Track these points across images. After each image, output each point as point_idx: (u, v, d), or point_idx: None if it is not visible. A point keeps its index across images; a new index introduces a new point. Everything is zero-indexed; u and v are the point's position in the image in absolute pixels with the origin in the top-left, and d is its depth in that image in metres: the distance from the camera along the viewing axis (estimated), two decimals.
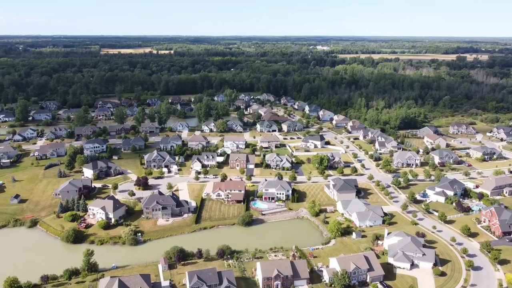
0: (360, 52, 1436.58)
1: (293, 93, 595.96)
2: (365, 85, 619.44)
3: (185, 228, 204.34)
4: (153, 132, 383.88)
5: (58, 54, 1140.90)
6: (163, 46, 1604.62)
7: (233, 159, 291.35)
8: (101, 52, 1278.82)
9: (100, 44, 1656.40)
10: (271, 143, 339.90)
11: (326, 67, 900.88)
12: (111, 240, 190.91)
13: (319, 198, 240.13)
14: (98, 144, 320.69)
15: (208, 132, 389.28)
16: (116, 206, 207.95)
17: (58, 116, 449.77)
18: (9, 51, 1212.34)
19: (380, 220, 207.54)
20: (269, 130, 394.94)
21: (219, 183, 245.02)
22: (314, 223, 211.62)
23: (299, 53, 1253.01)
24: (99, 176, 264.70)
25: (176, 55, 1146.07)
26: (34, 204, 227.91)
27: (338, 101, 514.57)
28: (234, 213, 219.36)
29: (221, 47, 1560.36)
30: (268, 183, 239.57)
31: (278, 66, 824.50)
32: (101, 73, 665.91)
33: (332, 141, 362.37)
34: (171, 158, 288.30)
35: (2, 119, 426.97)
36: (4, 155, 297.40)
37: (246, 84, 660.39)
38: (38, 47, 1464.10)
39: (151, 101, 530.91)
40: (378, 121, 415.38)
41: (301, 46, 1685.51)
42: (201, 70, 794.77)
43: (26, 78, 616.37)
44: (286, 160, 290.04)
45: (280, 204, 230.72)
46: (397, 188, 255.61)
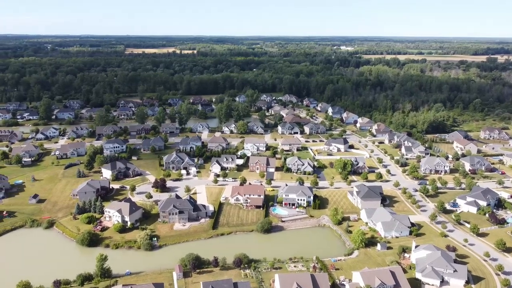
0: (385, 53, 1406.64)
1: (316, 94, 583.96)
2: (391, 86, 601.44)
3: (202, 233, 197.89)
4: (173, 133, 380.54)
5: (84, 53, 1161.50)
6: (187, 46, 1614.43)
7: (253, 162, 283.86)
8: (125, 51, 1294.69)
9: (125, 44, 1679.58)
10: (292, 146, 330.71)
11: (350, 68, 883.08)
12: (126, 244, 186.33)
13: (342, 205, 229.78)
14: (118, 144, 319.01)
15: (228, 134, 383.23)
16: (132, 209, 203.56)
17: (81, 115, 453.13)
18: (38, 50, 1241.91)
19: (407, 231, 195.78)
20: (290, 133, 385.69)
21: (238, 187, 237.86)
22: (336, 232, 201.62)
23: (323, 54, 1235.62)
24: (117, 177, 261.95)
25: (199, 55, 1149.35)
26: (52, 204, 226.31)
27: (363, 103, 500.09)
28: (253, 219, 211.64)
29: (244, 47, 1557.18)
30: (288, 189, 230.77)
31: (301, 67, 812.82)
32: (124, 73, 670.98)
33: (356, 145, 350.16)
34: (190, 160, 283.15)
35: (26, 118, 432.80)
36: (25, 154, 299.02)
37: (268, 84, 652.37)
38: (66, 46, 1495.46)
39: (172, 101, 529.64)
40: (405, 124, 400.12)
41: (325, 47, 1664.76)
42: (223, 70, 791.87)
43: (52, 77, 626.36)
44: (308, 164, 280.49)
45: (301, 210, 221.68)
46: (424, 196, 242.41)
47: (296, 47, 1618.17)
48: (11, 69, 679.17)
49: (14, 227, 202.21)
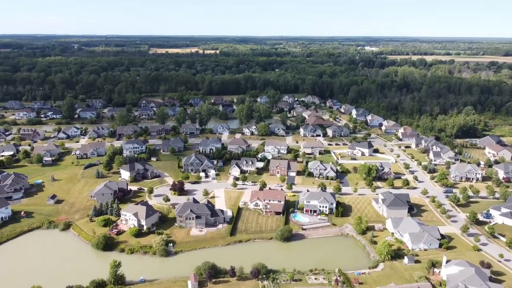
0: (411, 54, 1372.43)
1: (340, 95, 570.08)
2: (418, 88, 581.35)
3: (219, 240, 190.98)
4: (193, 134, 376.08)
5: (109, 53, 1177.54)
6: (210, 46, 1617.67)
7: (273, 165, 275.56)
8: (149, 51, 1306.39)
9: (149, 44, 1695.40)
10: (314, 149, 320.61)
11: (375, 68, 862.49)
12: (141, 250, 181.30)
13: (366, 213, 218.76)
14: (138, 145, 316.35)
15: (249, 135, 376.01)
16: (149, 213, 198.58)
17: (103, 115, 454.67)
18: (65, 50, 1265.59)
19: (436, 243, 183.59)
20: (313, 135, 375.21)
21: (258, 192, 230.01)
22: (360, 242, 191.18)
23: (347, 54, 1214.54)
24: (135, 179, 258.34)
25: (221, 55, 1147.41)
26: (69, 205, 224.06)
27: (388, 105, 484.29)
28: (272, 226, 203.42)
29: (267, 47, 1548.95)
30: (310, 195, 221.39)
31: (324, 67, 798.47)
32: (147, 72, 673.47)
33: (381, 149, 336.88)
34: (209, 162, 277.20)
35: (50, 116, 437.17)
36: (47, 153, 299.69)
37: (290, 85, 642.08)
38: (92, 46, 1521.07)
39: (193, 101, 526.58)
40: (433, 128, 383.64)
41: (349, 47, 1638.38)
42: (246, 70, 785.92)
43: (76, 76, 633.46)
44: (331, 168, 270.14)
45: (323, 218, 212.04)
46: (455, 206, 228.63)
47: (319, 47, 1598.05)
48: (38, 68, 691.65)
49: (31, 228, 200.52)
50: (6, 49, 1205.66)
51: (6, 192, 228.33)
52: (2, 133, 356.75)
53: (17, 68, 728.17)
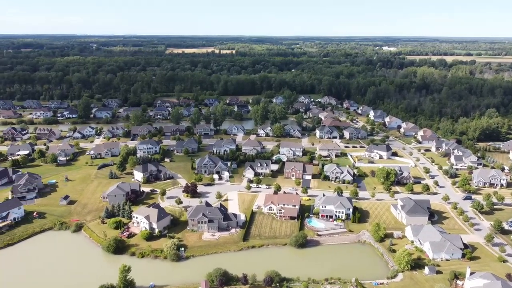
0: (431, 54, 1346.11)
1: (357, 96, 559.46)
2: (438, 89, 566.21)
3: (232, 245, 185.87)
4: (208, 134, 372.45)
5: (126, 53, 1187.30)
6: (226, 46, 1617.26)
7: (288, 168, 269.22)
8: (166, 51, 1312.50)
9: (166, 44, 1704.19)
10: (331, 152, 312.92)
11: (393, 69, 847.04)
12: (152, 254, 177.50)
13: (384, 219, 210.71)
14: (152, 145, 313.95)
15: (263, 137, 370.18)
16: (160, 216, 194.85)
17: (118, 114, 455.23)
18: (84, 49, 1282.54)
19: (459, 253, 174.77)
20: (329, 137, 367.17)
21: (272, 196, 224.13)
22: (378, 251, 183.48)
23: (364, 54, 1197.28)
24: (148, 180, 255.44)
25: (237, 55, 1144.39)
26: (82, 206, 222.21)
27: (407, 106, 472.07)
28: (287, 232, 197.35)
29: (283, 47, 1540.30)
30: (326, 199, 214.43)
31: (341, 68, 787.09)
32: (163, 72, 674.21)
33: (400, 152, 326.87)
34: (222, 164, 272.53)
35: (66, 116, 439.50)
36: (61, 153, 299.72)
37: (306, 85, 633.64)
38: (110, 46, 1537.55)
39: (208, 101, 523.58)
40: (454, 131, 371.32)
41: (366, 47, 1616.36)
42: (261, 71, 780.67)
43: (93, 76, 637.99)
44: (348, 172, 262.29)
45: (339, 224, 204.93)
46: (478, 213, 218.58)
47: (336, 47, 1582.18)
48: (56, 68, 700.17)
49: (43, 229, 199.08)
50: (27, 49, 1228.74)
51: (19, 192, 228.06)
52: (19, 132, 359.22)
53: (36, 68, 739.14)
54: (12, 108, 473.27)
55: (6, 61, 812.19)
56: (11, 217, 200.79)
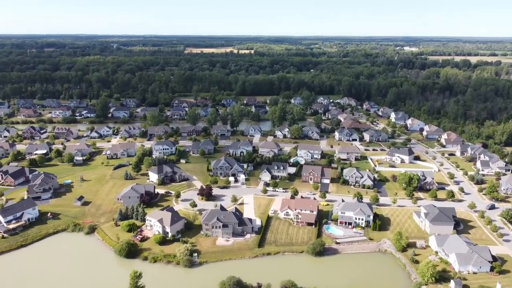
0: (454, 54, 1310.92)
1: (377, 98, 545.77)
2: (462, 91, 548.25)
3: (246, 251, 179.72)
4: (224, 135, 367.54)
5: (145, 52, 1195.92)
6: (245, 46, 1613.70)
7: (306, 171, 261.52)
8: (185, 51, 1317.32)
9: (185, 44, 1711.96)
10: (350, 155, 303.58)
11: (415, 70, 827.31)
12: (165, 259, 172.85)
13: (407, 228, 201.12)
14: (168, 146, 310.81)
15: (281, 138, 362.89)
16: (174, 220, 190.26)
17: (136, 114, 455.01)
18: (104, 49, 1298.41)
19: (487, 266, 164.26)
20: (348, 139, 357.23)
21: (289, 200, 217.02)
22: (400, 261, 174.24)
23: (385, 55, 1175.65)
24: (163, 181, 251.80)
25: (256, 55, 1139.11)
26: (96, 207, 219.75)
27: (430, 108, 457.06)
28: (304, 238, 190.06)
29: (302, 47, 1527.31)
30: (345, 205, 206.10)
31: (361, 68, 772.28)
32: (181, 72, 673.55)
33: (422, 156, 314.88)
34: (238, 166, 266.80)
35: (84, 115, 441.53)
36: (78, 153, 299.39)
37: (325, 86, 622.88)
38: (130, 45, 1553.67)
39: (226, 101, 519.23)
40: (479, 134, 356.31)
41: (387, 47, 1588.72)
42: (280, 71, 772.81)
43: (112, 75, 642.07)
44: (368, 176, 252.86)
45: (359, 231, 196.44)
46: (507, 223, 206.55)
47: (356, 47, 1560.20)
48: (76, 67, 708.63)
49: (56, 230, 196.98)
50: (49, 49, 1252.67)
51: (35, 192, 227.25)
52: (38, 131, 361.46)
53: (57, 67, 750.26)
54: (33, 107, 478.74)
55: (28, 60, 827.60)
56: (26, 217, 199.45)
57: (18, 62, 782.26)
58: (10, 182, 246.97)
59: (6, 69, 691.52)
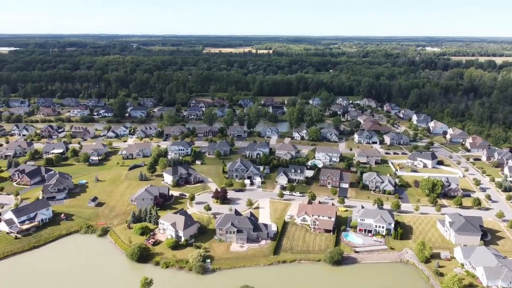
0: (478, 55, 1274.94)
1: (398, 99, 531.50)
2: (487, 93, 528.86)
3: (261, 258, 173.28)
4: (241, 136, 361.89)
5: (164, 52, 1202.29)
6: (263, 45, 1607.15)
7: (324, 175, 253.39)
8: (203, 51, 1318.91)
9: (204, 44, 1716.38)
10: (370, 158, 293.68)
11: (438, 70, 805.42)
12: (177, 264, 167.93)
13: (430, 237, 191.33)
14: (183, 147, 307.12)
15: (299, 140, 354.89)
16: (187, 224, 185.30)
17: (153, 114, 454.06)
18: (124, 48, 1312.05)
19: None
20: (368, 142, 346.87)
21: (306, 205, 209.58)
22: (423, 273, 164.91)
23: (406, 55, 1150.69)
24: (178, 183, 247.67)
25: (274, 55, 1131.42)
26: (109, 209, 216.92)
27: (453, 111, 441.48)
28: (321, 246, 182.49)
29: (321, 47, 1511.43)
30: (365, 212, 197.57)
31: (382, 69, 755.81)
32: (198, 72, 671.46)
33: (446, 161, 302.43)
34: (255, 168, 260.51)
35: (102, 114, 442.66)
36: (94, 152, 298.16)
37: (345, 87, 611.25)
38: (150, 45, 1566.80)
39: (243, 101, 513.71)
40: (507, 139, 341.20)
41: (408, 47, 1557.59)
42: (298, 71, 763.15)
43: (131, 74, 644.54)
44: (389, 181, 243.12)
45: (379, 240, 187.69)
46: None
47: (376, 47, 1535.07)
48: (95, 67, 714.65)
49: (69, 232, 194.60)
50: (71, 48, 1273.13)
51: (50, 192, 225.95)
52: (55, 130, 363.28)
53: (77, 66, 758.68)
54: (52, 106, 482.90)
55: (50, 59, 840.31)
56: (39, 218, 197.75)
57: (40, 61, 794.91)
58: (26, 182, 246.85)
59: (28, 68, 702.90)
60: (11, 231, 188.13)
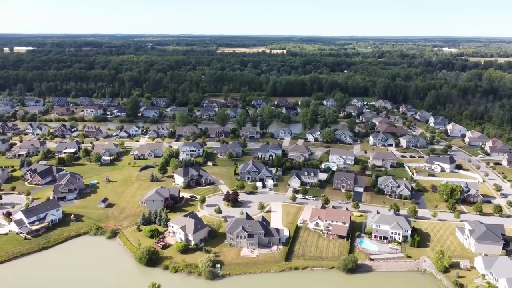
0: (497, 55, 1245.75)
1: (415, 101, 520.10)
2: (508, 94, 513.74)
3: (272, 265, 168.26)
4: (253, 137, 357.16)
5: (178, 52, 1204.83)
6: (277, 45, 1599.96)
7: (338, 178, 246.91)
8: (217, 51, 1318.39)
9: (218, 43, 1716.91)
10: (386, 162, 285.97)
11: (455, 71, 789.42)
12: (186, 269, 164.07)
13: (448, 245, 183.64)
14: (195, 148, 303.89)
15: (312, 142, 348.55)
16: (197, 227, 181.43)
17: (166, 114, 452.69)
18: (139, 48, 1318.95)
19: None
20: (384, 144, 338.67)
21: (319, 210, 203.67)
22: (442, 283, 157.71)
23: (422, 55, 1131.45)
24: (189, 185, 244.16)
25: (288, 55, 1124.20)
26: (119, 210, 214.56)
27: (472, 113, 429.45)
28: (334, 253, 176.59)
29: (336, 47, 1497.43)
30: (380, 218, 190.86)
31: (397, 69, 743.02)
32: (212, 72, 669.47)
33: (465, 165, 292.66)
34: (267, 171, 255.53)
35: (115, 114, 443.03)
36: (105, 152, 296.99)
37: (359, 88, 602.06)
38: (164, 45, 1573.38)
39: (256, 102, 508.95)
40: None
41: (424, 48, 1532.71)
42: (312, 71, 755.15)
43: (144, 74, 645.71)
44: (405, 186, 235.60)
45: (395, 247, 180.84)
46: None
47: (391, 47, 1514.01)
48: (110, 66, 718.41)
49: (78, 233, 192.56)
50: (87, 48, 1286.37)
51: (60, 193, 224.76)
52: (68, 129, 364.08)
53: (92, 66, 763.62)
54: (66, 105, 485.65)
55: (66, 59, 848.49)
56: (49, 218, 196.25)
57: (56, 61, 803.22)
58: (37, 181, 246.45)
59: (44, 68, 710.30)
60: (21, 231, 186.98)
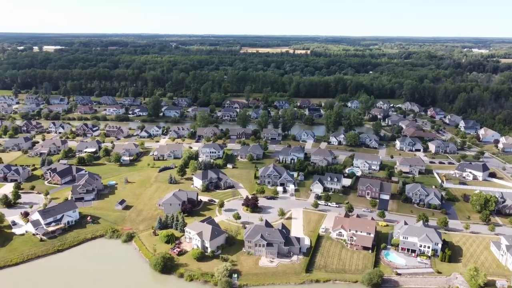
0: None
1: (444, 103, 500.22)
2: None
3: (292, 276, 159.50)
4: (275, 140, 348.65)
5: (202, 52, 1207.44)
6: (301, 46, 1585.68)
7: (363, 184, 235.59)
8: (241, 50, 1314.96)
9: (241, 43, 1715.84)
10: (413, 168, 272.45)
11: (486, 73, 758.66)
12: (202, 278, 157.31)
13: (483, 261, 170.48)
14: (215, 149, 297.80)
15: (335, 145, 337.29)
16: (214, 234, 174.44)
17: (187, 114, 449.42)
18: (163, 48, 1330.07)
19: None
20: (411, 149, 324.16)
21: (342, 219, 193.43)
22: None
23: (451, 57, 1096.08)
24: (208, 188, 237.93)
25: (312, 55, 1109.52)
26: (136, 213, 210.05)
27: (506, 117, 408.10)
28: (358, 265, 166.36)
29: (361, 48, 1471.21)
30: (408, 229, 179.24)
31: (425, 71, 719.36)
32: (234, 72, 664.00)
33: (499, 173, 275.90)
34: (288, 175, 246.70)
35: (137, 113, 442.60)
36: (125, 152, 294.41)
37: (385, 89, 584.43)
38: (188, 45, 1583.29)
39: (278, 103, 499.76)
40: None
41: (453, 49, 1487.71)
42: (336, 72, 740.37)
43: (167, 74, 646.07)
44: (434, 195, 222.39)
45: (424, 261, 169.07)
46: None
47: (419, 48, 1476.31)
48: (134, 66, 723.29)
49: (94, 236, 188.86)
50: (113, 47, 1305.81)
51: (78, 193, 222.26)
52: (90, 128, 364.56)
53: (116, 65, 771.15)
54: (89, 104, 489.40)
55: (92, 58, 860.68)
56: (65, 220, 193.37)
57: (82, 60, 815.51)
58: (57, 181, 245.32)
59: (70, 66, 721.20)
60: (37, 232, 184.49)
